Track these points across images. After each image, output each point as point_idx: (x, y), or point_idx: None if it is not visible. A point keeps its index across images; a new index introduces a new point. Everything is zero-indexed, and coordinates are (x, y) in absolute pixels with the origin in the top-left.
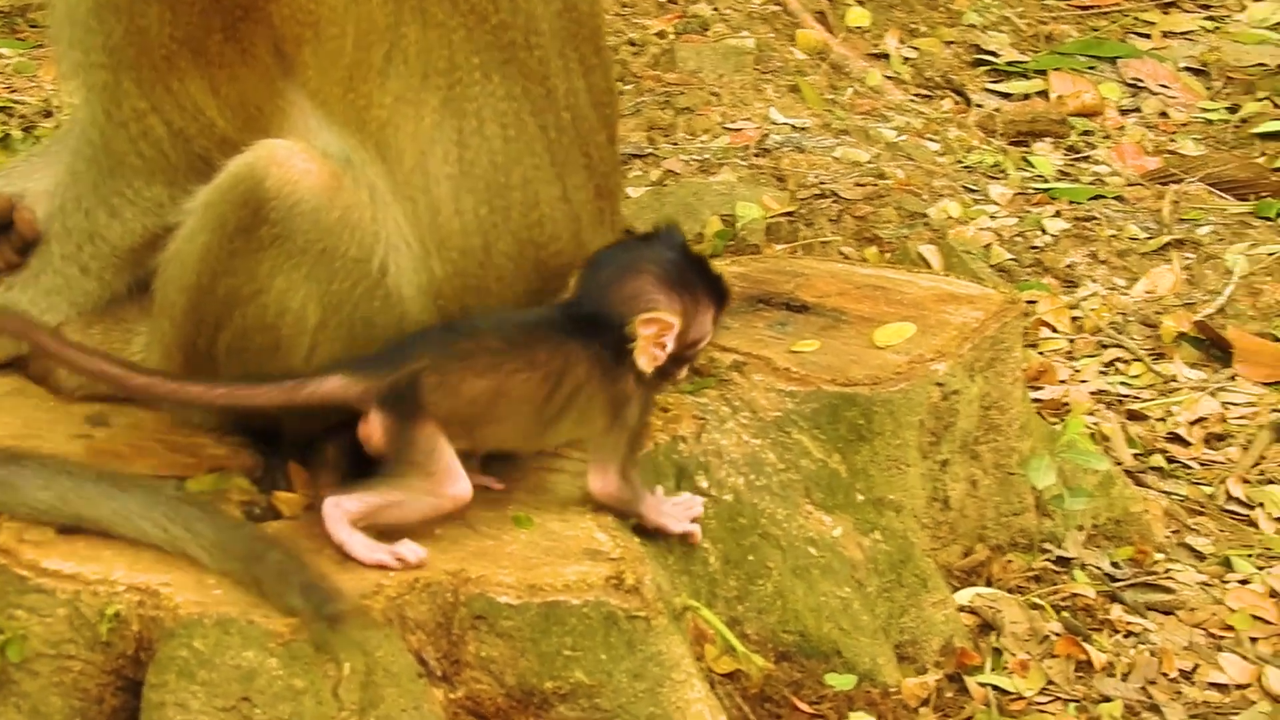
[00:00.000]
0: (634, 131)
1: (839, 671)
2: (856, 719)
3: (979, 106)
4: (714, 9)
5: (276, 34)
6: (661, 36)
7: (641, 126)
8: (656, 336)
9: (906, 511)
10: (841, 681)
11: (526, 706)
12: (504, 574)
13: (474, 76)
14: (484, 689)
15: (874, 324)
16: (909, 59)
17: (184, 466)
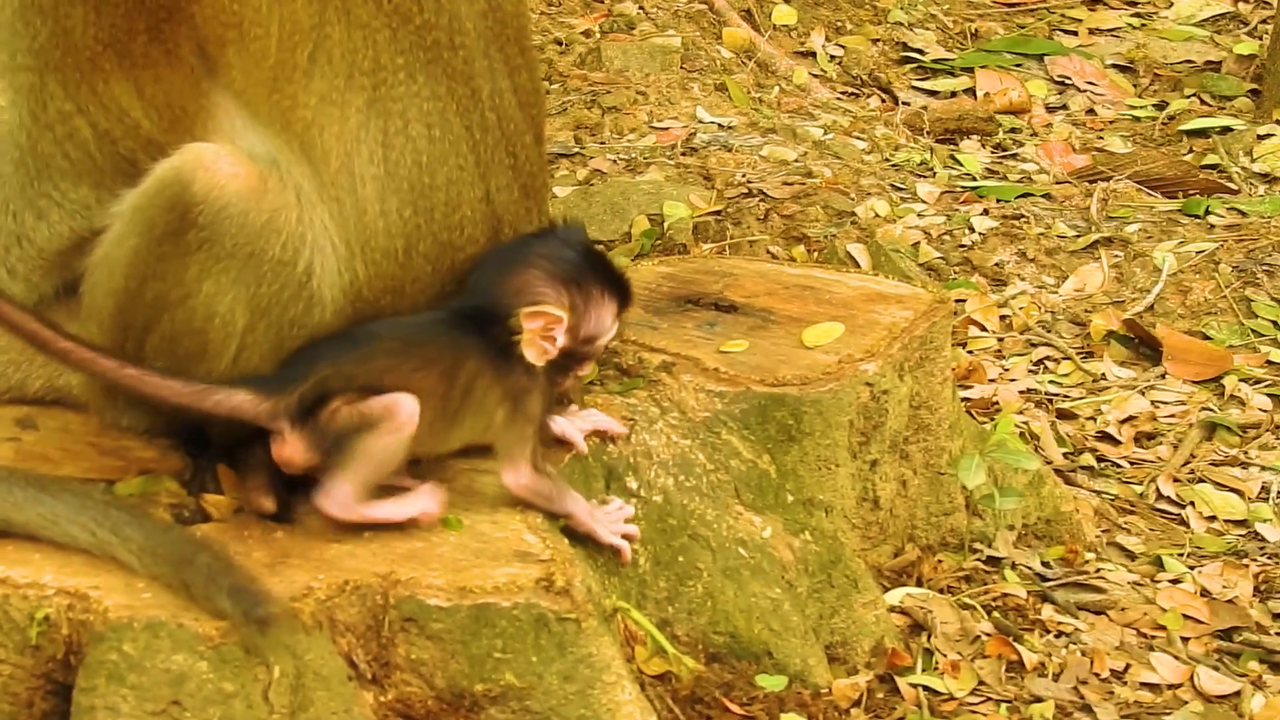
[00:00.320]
0: (561, 131)
1: (770, 673)
2: None
3: (906, 104)
4: (640, 8)
5: (200, 35)
6: (588, 35)
7: (568, 126)
8: (544, 330)
9: (836, 512)
10: (772, 683)
11: (457, 709)
12: (434, 576)
13: (399, 77)
14: (414, 691)
15: (803, 324)
16: (835, 57)
17: (113, 470)
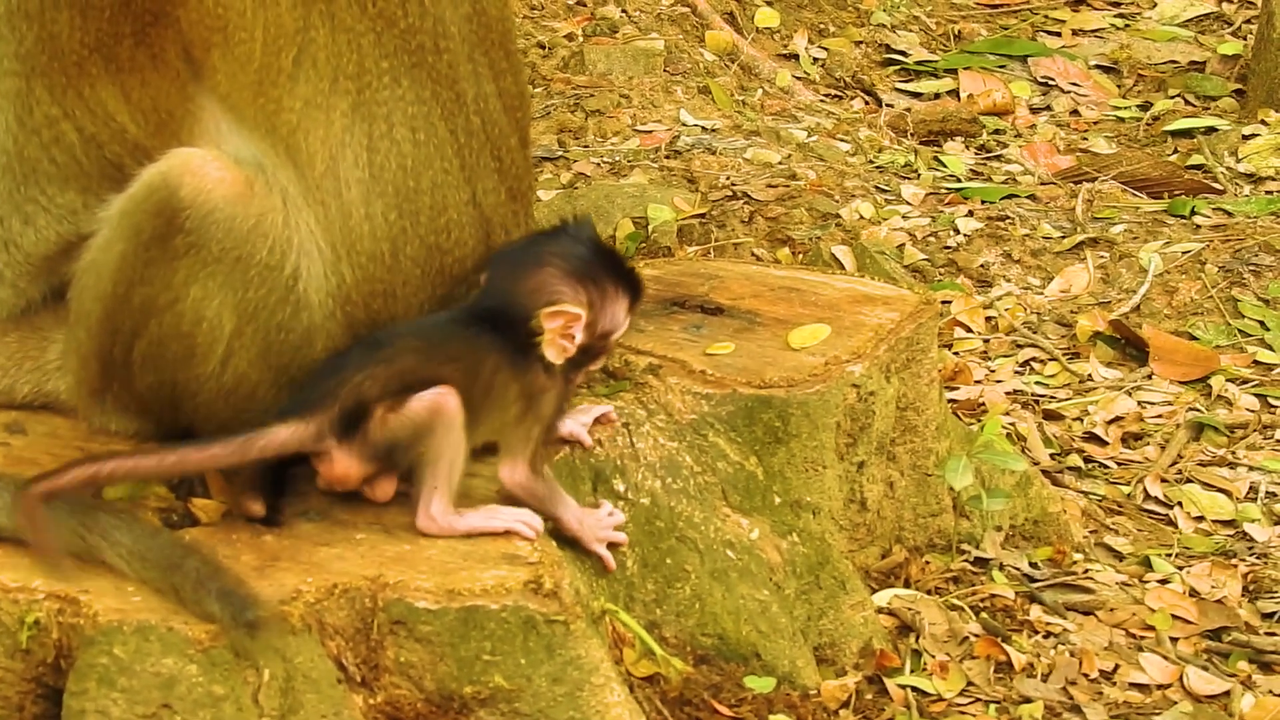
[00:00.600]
0: (544, 134)
1: (758, 674)
2: None
3: (889, 106)
4: (622, 11)
5: (185, 39)
6: (571, 39)
7: (552, 129)
8: (564, 329)
9: (824, 513)
10: (761, 684)
11: (446, 711)
12: (422, 579)
13: (383, 81)
14: (403, 694)
15: (789, 326)
16: (818, 59)
17: None
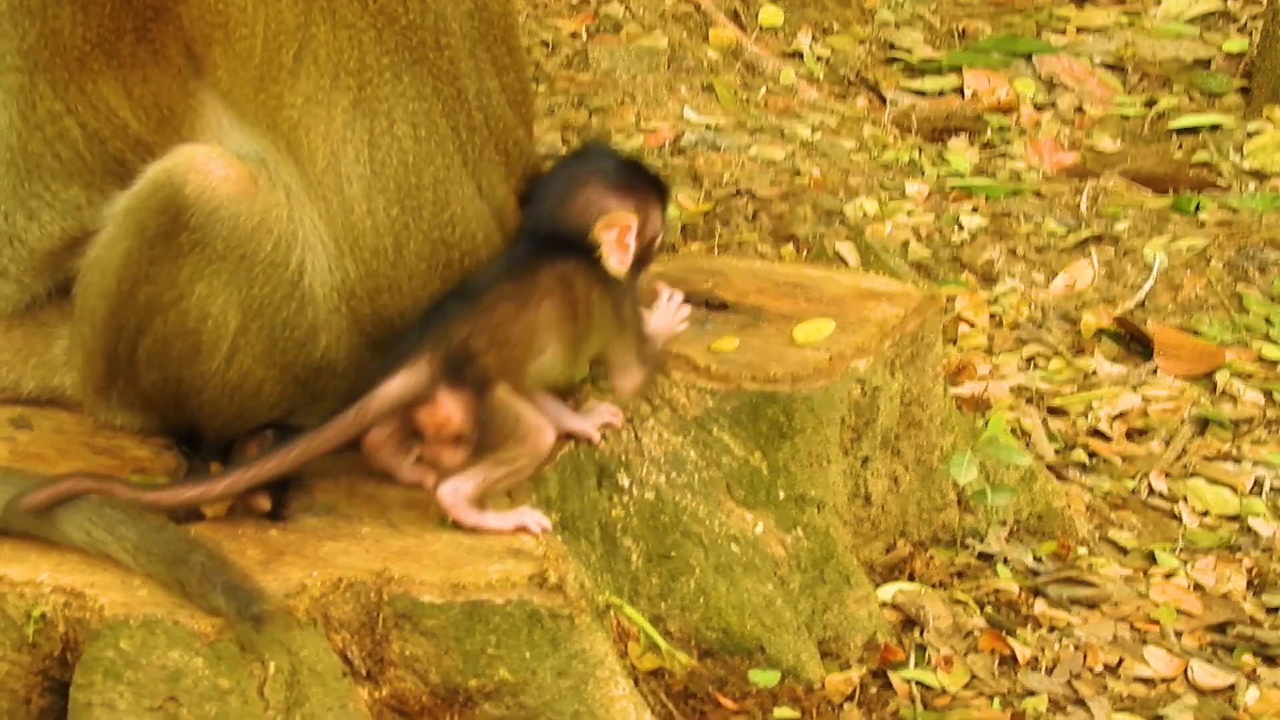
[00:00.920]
0: (548, 132)
1: (762, 668)
2: (780, 715)
3: (894, 104)
4: (626, 9)
5: (187, 35)
6: (575, 37)
7: (555, 127)
8: (620, 238)
9: (828, 508)
10: (765, 678)
11: (451, 705)
12: (427, 573)
13: (384, 77)
14: (408, 687)
15: (793, 321)
16: (822, 57)
17: (107, 469)
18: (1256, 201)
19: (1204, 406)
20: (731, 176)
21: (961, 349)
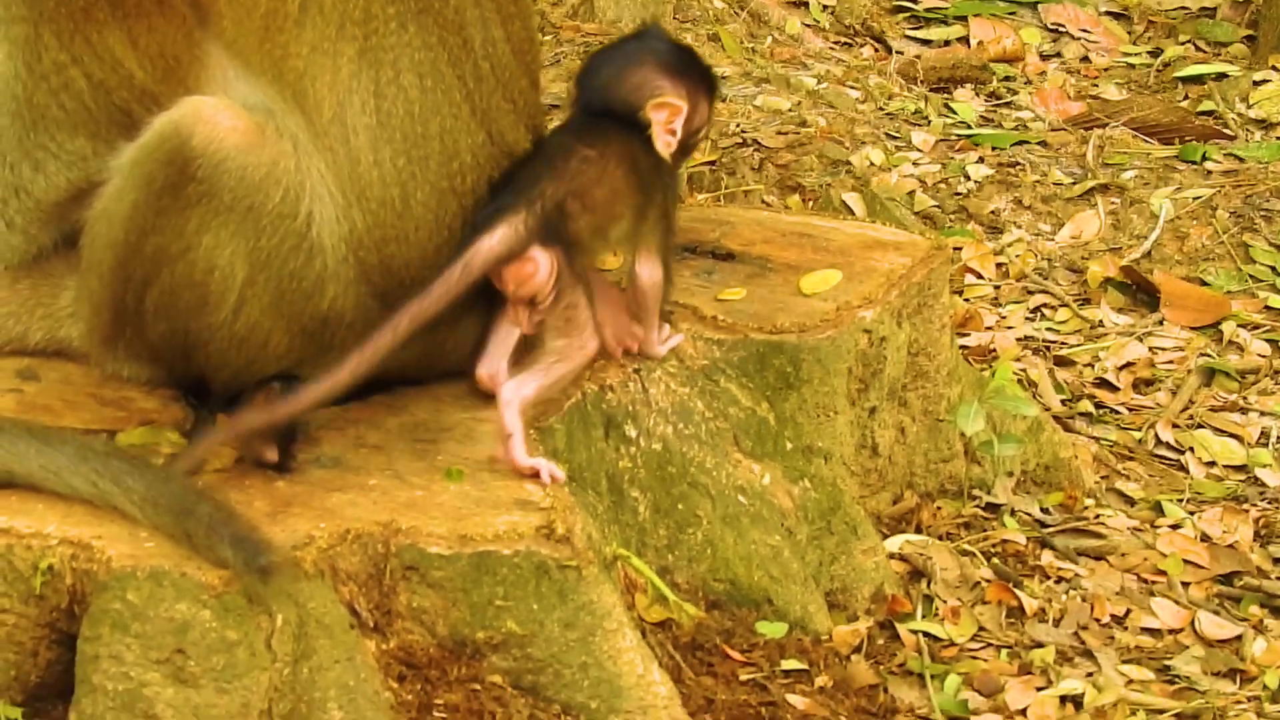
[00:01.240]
0: (554, 82)
1: (770, 620)
2: (788, 666)
3: (899, 54)
4: None
5: None
6: None
7: (561, 77)
8: (668, 121)
9: (835, 459)
10: (773, 630)
11: (459, 656)
12: (434, 525)
13: (390, 26)
14: (416, 639)
15: (800, 271)
16: (828, 6)
17: (114, 420)
18: (1262, 150)
19: (1210, 357)
20: (738, 126)
21: (968, 299)
